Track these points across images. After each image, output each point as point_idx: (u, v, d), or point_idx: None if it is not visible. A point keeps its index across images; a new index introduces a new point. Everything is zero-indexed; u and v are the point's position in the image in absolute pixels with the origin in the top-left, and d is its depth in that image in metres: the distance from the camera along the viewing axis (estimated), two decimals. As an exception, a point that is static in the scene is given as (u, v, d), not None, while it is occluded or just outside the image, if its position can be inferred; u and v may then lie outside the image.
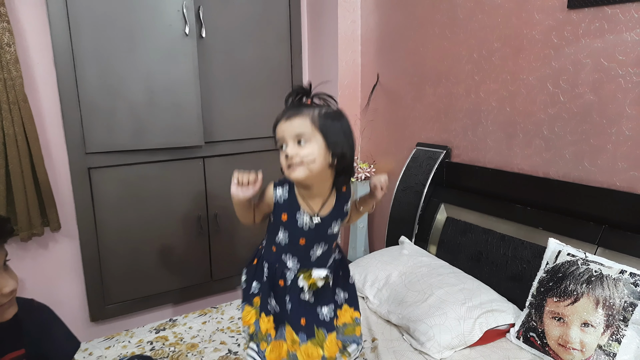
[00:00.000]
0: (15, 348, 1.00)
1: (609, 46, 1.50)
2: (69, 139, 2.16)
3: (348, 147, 1.11)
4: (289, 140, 1.06)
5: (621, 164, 1.51)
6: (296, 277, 1.16)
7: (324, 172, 1.10)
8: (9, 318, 0.93)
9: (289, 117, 1.07)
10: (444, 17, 2.07)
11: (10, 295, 0.91)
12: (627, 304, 1.29)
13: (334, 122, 1.09)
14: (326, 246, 1.19)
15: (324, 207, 1.16)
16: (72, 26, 2.06)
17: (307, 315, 1.15)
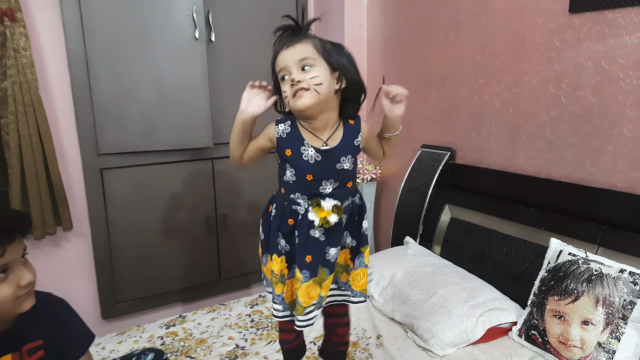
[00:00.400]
0: (33, 338, 1.04)
1: (610, 49, 1.53)
2: (82, 140, 2.22)
3: (354, 72, 1.07)
4: (293, 68, 1.03)
5: (622, 165, 1.53)
6: (306, 210, 1.10)
7: (330, 100, 1.06)
8: (26, 309, 0.97)
9: (291, 44, 1.03)
10: (449, 20, 2.11)
11: (27, 288, 0.96)
12: (626, 302, 1.31)
13: (336, 47, 1.07)
14: (337, 184, 1.11)
15: (330, 139, 1.10)
16: (85, 30, 2.12)
17: (313, 253, 1.10)
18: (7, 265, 0.92)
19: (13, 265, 0.93)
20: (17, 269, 0.94)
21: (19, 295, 0.94)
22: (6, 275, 0.92)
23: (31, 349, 1.03)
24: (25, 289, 0.95)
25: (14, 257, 0.93)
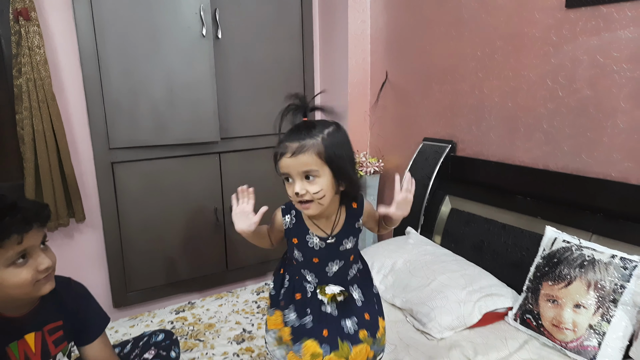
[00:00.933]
0: (54, 319, 1.12)
1: (605, 43, 1.57)
2: (93, 135, 2.30)
3: (353, 170, 1.10)
4: (296, 177, 1.05)
5: (616, 156, 1.58)
6: (315, 290, 1.17)
7: (333, 197, 1.11)
8: (45, 293, 1.04)
9: (294, 154, 1.03)
10: (450, 17, 2.16)
11: (45, 272, 1.02)
12: (617, 286, 1.37)
13: (340, 148, 1.07)
14: (342, 262, 1.18)
15: (335, 226, 1.15)
16: (97, 29, 2.20)
17: (329, 327, 1.14)
18: (26, 251, 0.99)
19: (32, 251, 1.00)
20: (36, 255, 1.00)
21: (38, 279, 1.01)
22: (26, 260, 0.99)
23: (52, 328, 1.11)
24: (44, 273, 1.02)
25: (32, 244, 0.99)
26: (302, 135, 1.05)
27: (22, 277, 0.98)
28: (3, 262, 0.96)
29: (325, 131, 1.06)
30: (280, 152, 1.06)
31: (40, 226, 1.02)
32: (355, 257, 1.24)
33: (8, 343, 1.03)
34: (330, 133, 1.06)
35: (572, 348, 1.41)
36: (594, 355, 1.37)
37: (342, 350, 1.13)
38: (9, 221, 0.94)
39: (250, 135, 2.68)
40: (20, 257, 0.98)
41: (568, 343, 1.42)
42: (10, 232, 0.94)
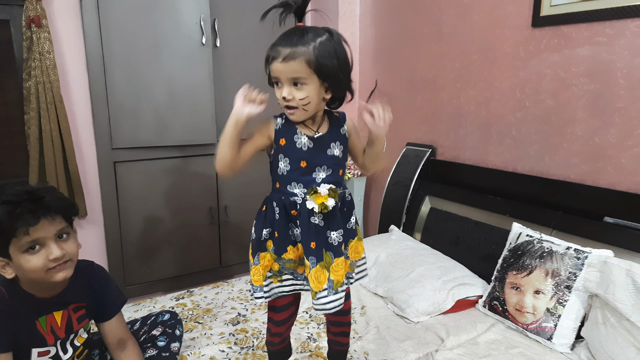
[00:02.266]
0: (79, 300, 1.25)
1: (565, 59, 1.77)
2: (97, 135, 2.44)
3: (343, 78, 1.10)
4: (285, 82, 1.08)
5: (574, 160, 1.77)
6: (304, 200, 1.14)
7: (320, 104, 1.13)
8: (59, 280, 1.13)
9: (285, 59, 1.05)
10: (432, 31, 2.35)
11: (55, 262, 1.10)
12: (571, 274, 1.55)
13: (331, 58, 1.07)
14: (329, 170, 1.17)
15: (320, 128, 1.18)
16: (103, 36, 2.35)
17: (317, 239, 1.15)
18: (37, 242, 1.08)
19: (44, 241, 1.09)
20: (48, 245, 1.09)
21: (49, 267, 1.09)
22: (38, 249, 1.08)
23: (76, 307, 1.25)
24: (54, 262, 1.09)
25: (42, 235, 1.07)
26: (294, 41, 1.06)
27: (33, 263, 1.08)
28: (18, 249, 1.07)
29: (317, 39, 1.06)
30: (272, 55, 1.08)
31: (52, 220, 1.10)
32: (343, 175, 1.24)
33: (37, 317, 1.17)
34: (322, 42, 1.06)
35: (532, 329, 1.59)
36: (550, 335, 1.54)
37: (325, 261, 1.16)
38: (19, 214, 1.05)
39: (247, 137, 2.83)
40: (35, 246, 1.08)
41: (529, 325, 1.60)
42: (18, 224, 1.05)
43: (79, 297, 1.25)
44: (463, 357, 1.50)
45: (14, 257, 1.09)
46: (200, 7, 2.51)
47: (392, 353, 1.53)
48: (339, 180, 1.20)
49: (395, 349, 1.56)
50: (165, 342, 1.44)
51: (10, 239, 1.07)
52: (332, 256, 1.16)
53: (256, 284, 1.22)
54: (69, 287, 1.22)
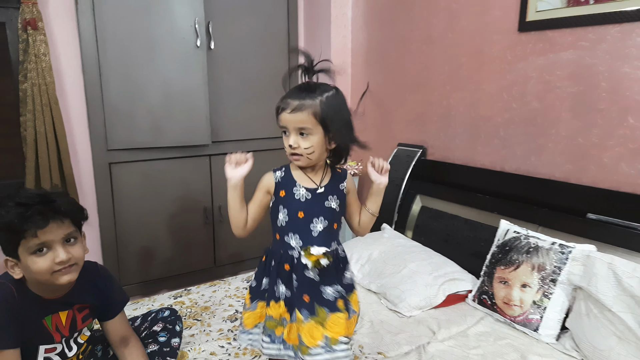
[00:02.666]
0: (83, 301, 1.28)
1: (550, 63, 1.84)
2: (93, 137, 2.46)
3: (346, 133, 1.18)
4: (292, 131, 1.16)
5: (559, 159, 1.85)
6: (300, 254, 1.19)
7: (323, 155, 1.20)
8: (64, 283, 1.16)
9: (293, 111, 1.13)
10: (422, 34, 2.41)
11: (61, 265, 1.13)
12: (555, 268, 1.62)
13: (335, 111, 1.15)
14: (326, 222, 1.21)
15: (322, 180, 1.23)
16: (99, 38, 2.37)
17: (310, 292, 1.18)
18: (45, 244, 1.11)
19: (52, 244, 1.12)
20: (55, 248, 1.12)
21: (54, 269, 1.13)
22: (45, 251, 1.12)
23: (80, 307, 1.28)
24: (60, 265, 1.12)
25: (50, 238, 1.11)
26: (302, 95, 1.15)
27: (39, 265, 1.11)
28: (26, 250, 1.11)
29: (324, 94, 1.15)
30: (282, 107, 1.16)
31: (61, 224, 1.13)
32: (338, 229, 1.27)
33: (44, 316, 1.21)
34: (328, 97, 1.15)
35: (519, 321, 1.66)
36: (537, 326, 1.61)
37: (319, 316, 1.17)
38: (29, 216, 1.08)
39: (240, 139, 2.88)
40: (43, 248, 1.12)
41: (516, 317, 1.67)
42: (27, 226, 1.08)
43: (83, 298, 1.28)
44: (454, 349, 1.56)
45: (22, 258, 1.12)
46: (194, 10, 2.55)
47: (385, 346, 1.59)
48: (333, 235, 1.25)
49: (388, 342, 1.62)
50: (166, 338, 1.48)
51: (20, 240, 1.10)
52: (327, 312, 1.18)
53: (247, 327, 1.27)
54: (74, 288, 1.25)
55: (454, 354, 1.54)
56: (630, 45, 1.60)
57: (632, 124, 1.62)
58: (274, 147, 3.00)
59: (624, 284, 1.43)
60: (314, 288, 1.19)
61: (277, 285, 1.21)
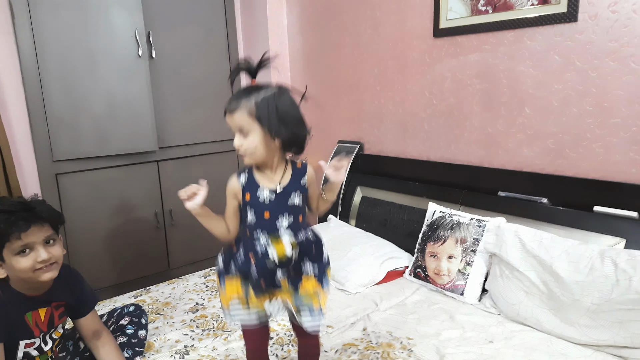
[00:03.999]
0: (59, 299, 1.39)
1: (461, 64, 2.13)
2: (37, 149, 2.48)
3: (290, 127, 1.19)
4: (235, 132, 1.20)
5: (473, 147, 2.14)
6: (266, 246, 1.23)
7: (272, 152, 1.22)
8: (46, 280, 1.28)
9: (230, 111, 1.18)
10: (351, 40, 2.64)
11: (43, 264, 1.25)
12: (474, 240, 1.90)
13: (271, 108, 1.16)
14: (291, 217, 1.25)
15: (282, 179, 1.26)
16: (38, 51, 2.40)
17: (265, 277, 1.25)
18: (27, 246, 1.23)
19: (34, 245, 1.24)
20: (37, 249, 1.24)
21: (36, 267, 1.25)
22: (29, 252, 1.24)
23: (57, 305, 1.39)
24: (41, 264, 1.25)
25: (33, 240, 1.23)
26: (240, 96, 1.18)
27: (23, 264, 1.23)
28: (11, 251, 1.23)
29: (262, 93, 1.17)
30: (225, 109, 1.21)
31: (41, 227, 1.25)
32: (304, 221, 1.31)
33: (25, 312, 1.31)
34: (268, 95, 1.17)
35: (447, 288, 1.92)
36: (462, 291, 1.88)
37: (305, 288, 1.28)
38: (13, 221, 1.20)
39: (186, 144, 2.98)
40: (26, 249, 1.23)
41: (445, 285, 1.93)
42: (12, 230, 1.20)
43: (60, 297, 1.39)
44: (394, 316, 1.79)
45: (6, 259, 1.23)
46: (134, 20, 2.62)
47: (335, 318, 1.80)
48: (299, 227, 1.29)
49: (337, 314, 1.82)
50: (133, 330, 1.59)
51: (4, 243, 1.21)
52: (312, 286, 1.29)
53: (226, 306, 1.31)
54: (52, 287, 1.36)
55: (394, 319, 1.77)
56: (522, 48, 1.90)
57: (528, 113, 1.93)
58: (219, 150, 3.12)
59: (527, 247, 1.72)
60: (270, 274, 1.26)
61: (261, 280, 1.26)
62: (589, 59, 1.71)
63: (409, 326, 1.72)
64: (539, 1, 1.80)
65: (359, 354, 1.56)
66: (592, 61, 1.71)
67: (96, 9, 2.50)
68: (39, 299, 1.33)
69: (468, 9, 2.04)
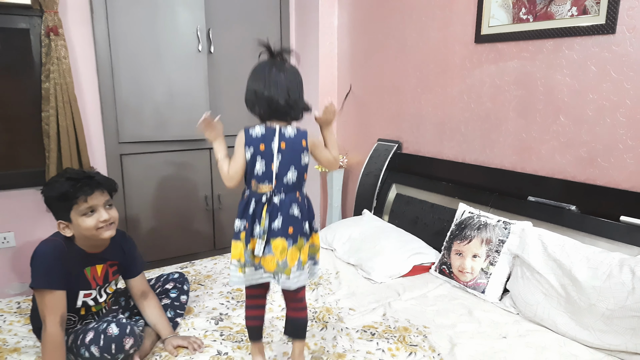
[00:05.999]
0: (114, 258, 1.63)
1: (499, 70, 2.18)
2: (106, 131, 2.78)
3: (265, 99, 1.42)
4: None
5: (507, 151, 2.19)
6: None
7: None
8: (106, 237, 1.51)
9: None
10: (397, 44, 2.74)
11: (104, 223, 1.49)
12: (499, 241, 1.96)
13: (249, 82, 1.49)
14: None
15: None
16: (112, 43, 2.69)
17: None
18: (92, 208, 1.47)
19: (96, 208, 1.48)
20: (99, 210, 1.48)
21: (99, 226, 1.49)
22: (92, 213, 1.48)
23: (111, 263, 1.62)
24: (103, 223, 1.49)
25: (96, 202, 1.48)
26: None
27: (88, 223, 1.47)
28: (78, 213, 1.46)
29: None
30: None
31: (102, 192, 1.50)
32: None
33: (85, 267, 1.54)
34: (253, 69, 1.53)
35: (470, 285, 2.00)
36: (484, 289, 1.95)
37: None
38: (79, 187, 1.45)
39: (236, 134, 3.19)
40: (90, 211, 1.47)
41: (467, 282, 2.00)
42: (79, 194, 1.45)
43: (114, 256, 1.62)
44: (414, 306, 1.90)
45: (73, 219, 1.46)
46: (196, 18, 2.86)
47: (358, 302, 1.93)
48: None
49: (360, 300, 1.95)
50: (176, 294, 1.80)
51: (72, 206, 1.44)
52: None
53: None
54: (108, 247, 1.59)
55: (413, 309, 1.87)
56: (560, 57, 1.93)
57: (562, 121, 1.96)
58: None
59: (549, 250, 1.77)
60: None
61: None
62: (624, 70, 1.73)
63: (427, 316, 1.82)
64: (579, 12, 1.83)
65: (377, 335, 1.68)
66: (628, 73, 1.72)
67: (164, 6, 2.76)
68: (97, 256, 1.56)
69: (510, 16, 2.09)
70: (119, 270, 1.65)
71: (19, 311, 1.86)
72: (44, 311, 1.41)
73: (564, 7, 1.89)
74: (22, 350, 1.58)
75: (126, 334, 1.43)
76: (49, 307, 1.41)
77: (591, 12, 1.80)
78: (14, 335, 1.68)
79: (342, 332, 1.70)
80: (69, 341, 1.47)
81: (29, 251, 1.51)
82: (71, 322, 1.55)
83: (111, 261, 1.62)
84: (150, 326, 1.65)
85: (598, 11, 1.77)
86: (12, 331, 1.70)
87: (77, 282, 1.51)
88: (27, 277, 1.47)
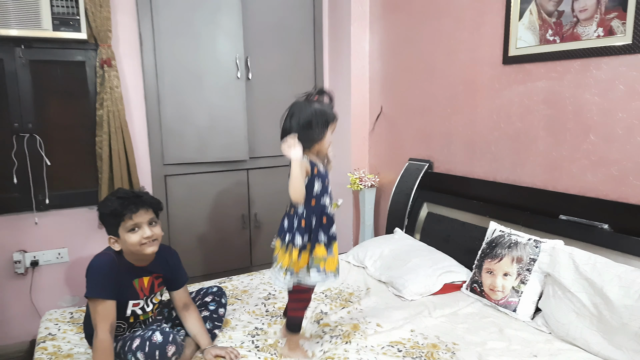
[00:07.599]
0: (159, 271, 1.76)
1: (528, 90, 2.21)
2: (152, 153, 2.98)
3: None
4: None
5: (537, 170, 2.20)
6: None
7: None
8: (149, 253, 1.64)
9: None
10: (426, 66, 2.82)
11: (147, 239, 1.62)
12: (530, 259, 1.96)
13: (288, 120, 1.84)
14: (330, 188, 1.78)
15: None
16: (158, 72, 2.90)
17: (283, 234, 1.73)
18: (136, 225, 1.60)
19: (141, 225, 1.61)
20: (143, 228, 1.62)
21: (143, 242, 1.62)
22: (136, 230, 1.61)
23: (157, 275, 1.75)
24: (147, 239, 1.62)
25: (140, 220, 1.61)
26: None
27: (133, 239, 1.60)
28: (125, 229, 1.60)
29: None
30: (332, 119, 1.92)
31: (147, 211, 1.63)
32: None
33: (133, 279, 1.68)
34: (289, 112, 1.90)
35: (501, 304, 2.00)
36: (515, 307, 1.95)
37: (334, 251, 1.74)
38: (126, 205, 1.59)
39: (273, 155, 3.34)
40: (135, 228, 1.61)
41: (499, 301, 2.01)
42: (126, 212, 1.58)
43: (159, 269, 1.75)
44: (444, 323, 1.92)
45: (121, 235, 1.61)
46: (236, 47, 3.05)
47: (386, 318, 1.97)
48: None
49: (388, 315, 1.99)
50: (215, 307, 1.91)
51: (120, 222, 1.59)
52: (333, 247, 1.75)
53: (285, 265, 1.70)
54: (154, 261, 1.72)
55: (443, 326, 1.90)
56: (588, 76, 1.95)
57: (593, 140, 1.97)
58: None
59: (580, 269, 1.77)
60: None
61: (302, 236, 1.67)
62: (653, 89, 1.74)
63: (456, 333, 1.84)
64: (605, 32, 1.86)
65: (404, 351, 1.72)
66: (657, 91, 1.73)
67: (205, 37, 2.97)
68: (144, 269, 1.70)
69: (537, 38, 2.13)
70: (164, 282, 1.78)
71: (72, 321, 2.02)
72: (96, 319, 1.55)
73: (590, 29, 1.92)
74: (74, 356, 1.72)
75: (169, 341, 1.54)
76: (100, 315, 1.54)
77: (617, 33, 1.82)
78: (67, 342, 1.83)
79: (366, 349, 1.74)
80: (117, 347, 1.60)
81: (81, 266, 1.68)
82: (120, 330, 1.68)
83: (157, 274, 1.75)
84: (191, 336, 1.76)
85: (624, 31, 1.79)
86: (65, 339, 1.86)
87: (126, 293, 1.65)
88: (79, 291, 1.62)
